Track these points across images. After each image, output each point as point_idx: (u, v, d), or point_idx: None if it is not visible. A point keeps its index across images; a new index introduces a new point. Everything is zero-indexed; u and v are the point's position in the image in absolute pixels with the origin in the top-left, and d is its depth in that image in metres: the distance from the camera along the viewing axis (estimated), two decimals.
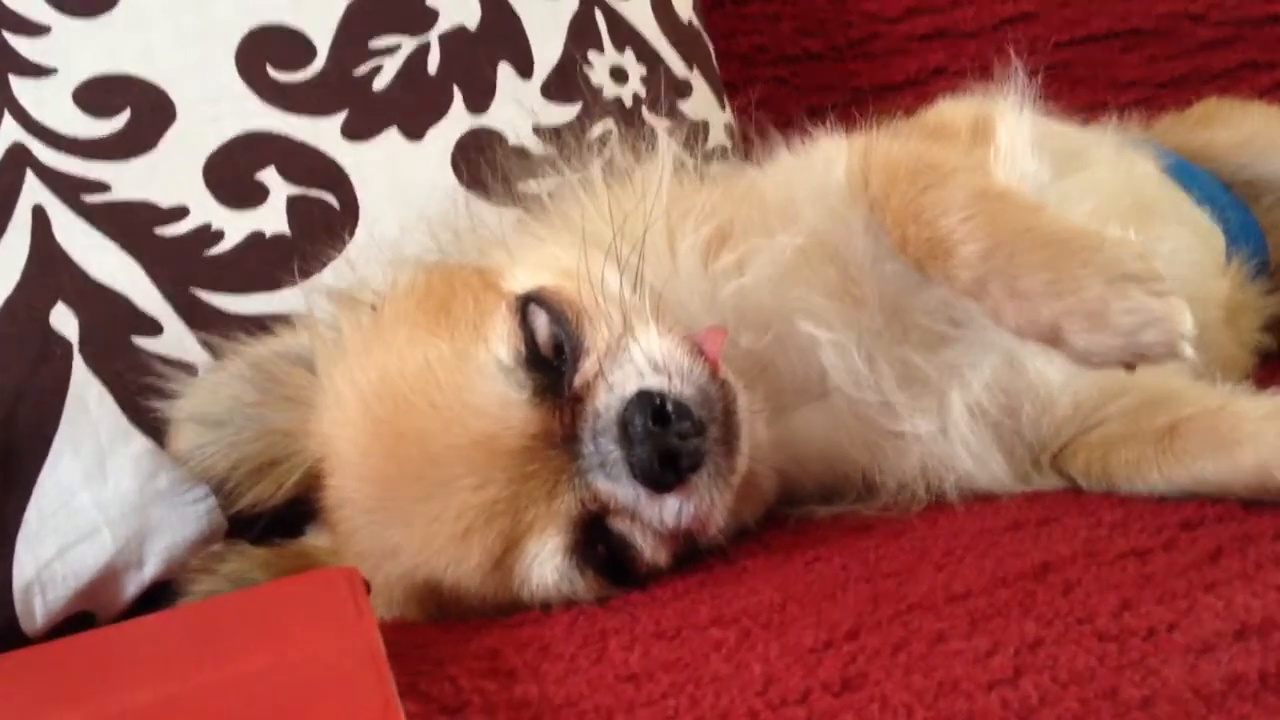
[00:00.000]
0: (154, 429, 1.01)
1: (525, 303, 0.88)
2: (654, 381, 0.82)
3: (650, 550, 0.85)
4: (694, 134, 1.34)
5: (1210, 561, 0.76)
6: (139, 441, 1.01)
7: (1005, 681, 0.63)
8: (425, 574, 0.85)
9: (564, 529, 0.83)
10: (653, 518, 0.83)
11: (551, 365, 0.85)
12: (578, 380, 0.84)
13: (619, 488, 0.82)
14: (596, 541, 0.84)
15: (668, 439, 0.80)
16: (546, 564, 0.83)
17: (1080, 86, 1.87)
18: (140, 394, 1.01)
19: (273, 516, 0.99)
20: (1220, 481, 0.86)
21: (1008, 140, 0.98)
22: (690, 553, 0.88)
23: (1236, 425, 0.86)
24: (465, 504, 0.82)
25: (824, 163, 0.99)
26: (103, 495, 0.99)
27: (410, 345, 0.87)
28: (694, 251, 0.93)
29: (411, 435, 0.84)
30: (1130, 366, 0.79)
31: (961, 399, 0.93)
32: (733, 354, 0.89)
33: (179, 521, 1.02)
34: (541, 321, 0.87)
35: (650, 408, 0.80)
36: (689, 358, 0.83)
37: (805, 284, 0.92)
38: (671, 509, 0.82)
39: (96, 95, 1.09)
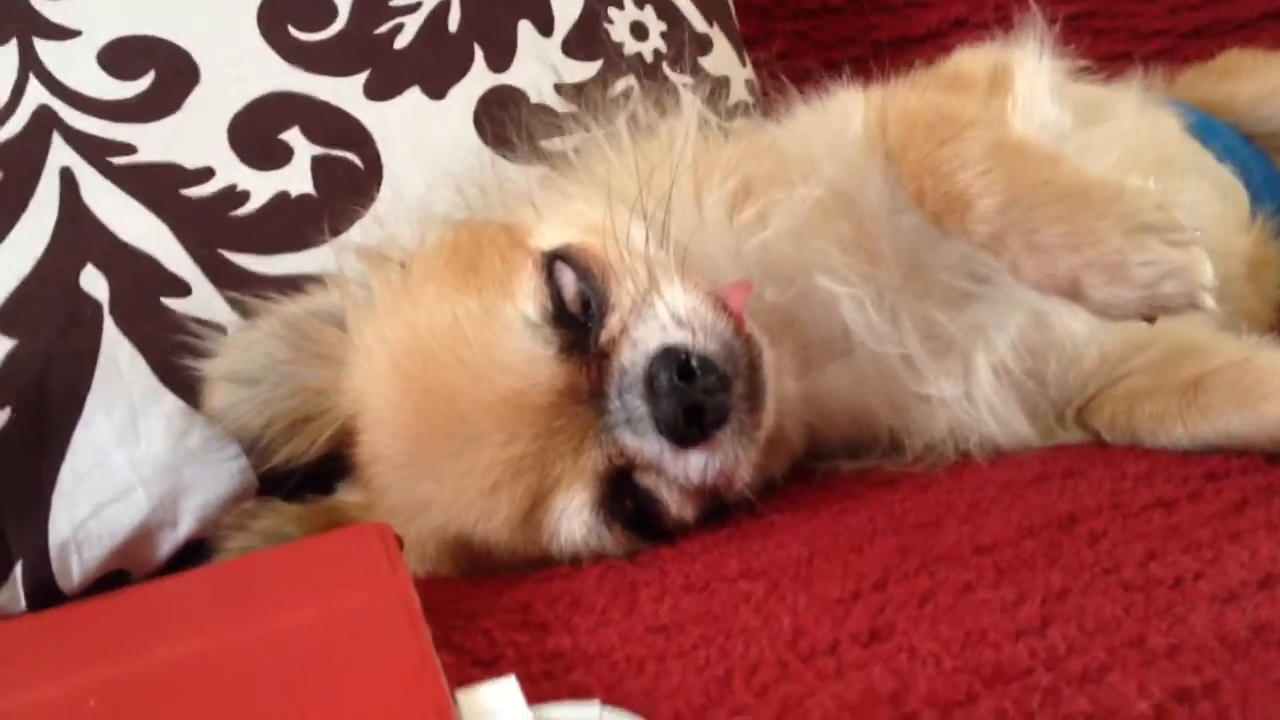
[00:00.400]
0: (185, 389, 1.02)
1: (551, 259, 0.88)
2: (678, 337, 0.82)
3: (676, 505, 0.86)
4: (715, 90, 1.34)
5: (1235, 512, 0.76)
6: (170, 401, 1.02)
7: (1032, 631, 0.63)
8: (456, 529, 0.86)
9: (591, 484, 0.84)
10: (678, 473, 0.83)
11: (578, 321, 0.86)
12: (604, 336, 0.85)
13: (645, 443, 0.82)
14: (624, 496, 0.85)
15: (693, 394, 0.81)
16: (574, 518, 0.84)
17: (1103, 37, 1.86)
18: (171, 354, 1.02)
19: (305, 473, 1.01)
20: (1245, 435, 0.86)
21: (1026, 88, 0.98)
22: (717, 507, 0.88)
23: (1262, 379, 0.86)
24: (493, 459, 0.83)
25: (841, 115, 0.99)
26: (136, 454, 1.01)
27: (439, 302, 0.88)
28: (719, 206, 0.93)
29: (440, 391, 0.85)
30: (1151, 319, 0.79)
31: (987, 361, 0.93)
32: (759, 308, 0.90)
33: (212, 479, 1.03)
34: (568, 278, 0.87)
35: (675, 363, 0.81)
36: (713, 313, 0.83)
37: (823, 237, 0.92)
38: (697, 464, 0.83)
39: (121, 57, 1.09)
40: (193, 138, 1.09)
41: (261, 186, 1.10)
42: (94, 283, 1.02)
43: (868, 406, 0.95)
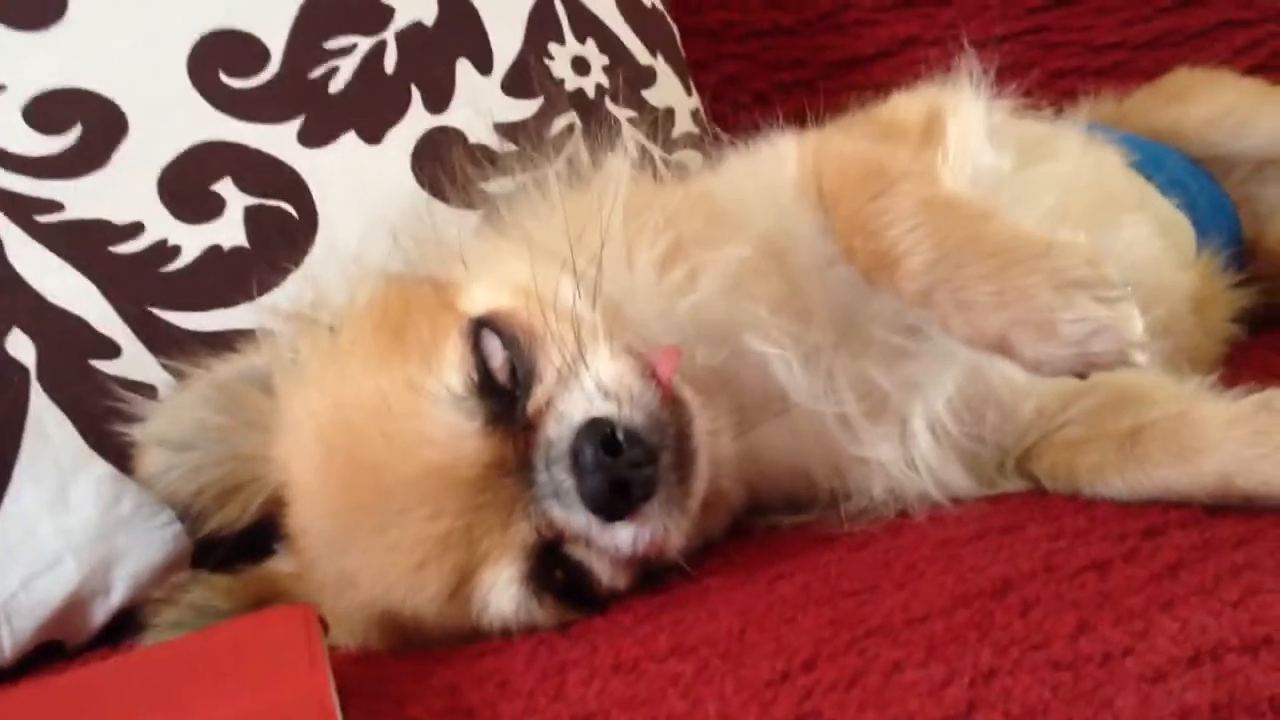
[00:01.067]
0: (115, 454, 1.00)
1: (478, 327, 0.87)
2: (603, 408, 0.81)
3: (608, 576, 0.85)
4: (659, 123, 1.33)
5: (1169, 575, 0.75)
6: (100, 467, 1.00)
7: (958, 717, 0.62)
8: (384, 604, 0.84)
9: (520, 557, 0.82)
10: (608, 545, 0.82)
11: (505, 391, 0.84)
12: (530, 407, 0.83)
13: (573, 516, 0.81)
14: (554, 568, 0.84)
15: (618, 468, 0.79)
16: (503, 593, 0.83)
17: (1056, 51, 1.86)
18: (100, 418, 1.00)
19: (240, 538, 0.99)
20: (1182, 489, 0.86)
21: (960, 136, 0.97)
22: (652, 572, 0.87)
23: (1198, 433, 0.85)
24: (419, 535, 0.81)
25: (774, 163, 0.98)
26: (66, 523, 0.99)
27: (364, 372, 0.86)
28: (650, 267, 0.92)
29: (366, 466, 0.83)
30: (1083, 375, 0.78)
31: (925, 422, 0.92)
32: (693, 370, 0.89)
33: (144, 546, 1.01)
34: (495, 346, 0.86)
35: (600, 437, 0.79)
36: (641, 381, 0.82)
37: (751, 298, 0.91)
38: (626, 536, 0.81)
39: (46, 110, 1.07)
40: (122, 192, 1.07)
41: (192, 240, 1.08)
42: (20, 347, 1.00)
43: (806, 467, 0.94)
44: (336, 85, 1.18)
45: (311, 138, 1.16)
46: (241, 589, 0.93)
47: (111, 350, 1.03)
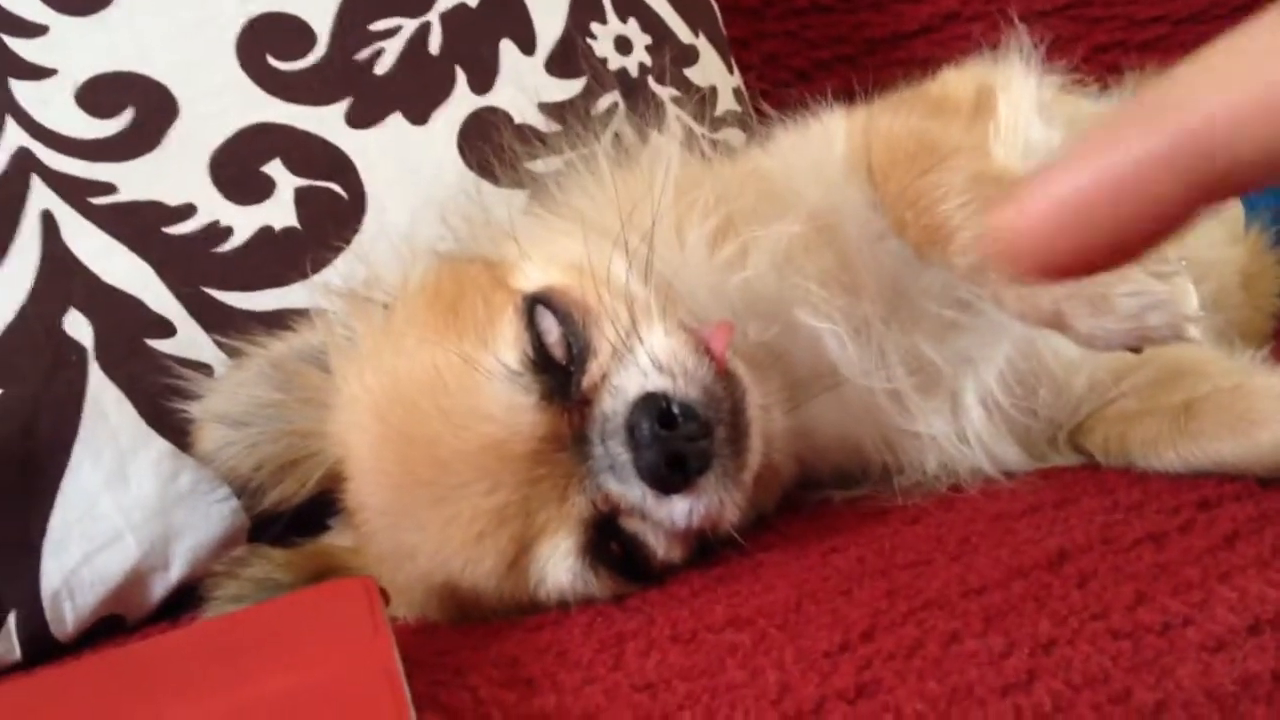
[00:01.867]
0: (173, 431, 1.02)
1: (533, 304, 0.87)
2: (658, 383, 0.81)
3: (663, 549, 0.85)
4: (702, 102, 1.33)
5: (1226, 546, 0.75)
6: (158, 444, 1.02)
7: (1019, 686, 0.63)
8: (442, 576, 0.85)
9: (576, 530, 0.83)
10: (663, 518, 0.83)
11: (560, 367, 0.85)
12: (585, 382, 0.84)
13: (628, 489, 0.82)
14: (609, 540, 0.85)
15: (674, 442, 0.80)
16: (560, 565, 0.83)
17: (1098, 26, 1.84)
18: (158, 396, 1.01)
19: (296, 513, 1.00)
20: (1237, 461, 0.85)
21: (1010, 111, 0.97)
22: (707, 545, 0.88)
23: (1252, 406, 0.85)
24: (477, 509, 0.82)
25: (823, 139, 0.98)
26: (125, 500, 1.00)
27: (420, 348, 0.87)
28: (701, 243, 0.92)
29: (422, 441, 0.84)
30: (1137, 349, 0.78)
31: (976, 396, 0.92)
32: (744, 345, 0.89)
33: (202, 522, 1.03)
34: (549, 323, 0.86)
35: (655, 410, 0.80)
36: (695, 356, 0.83)
37: (802, 273, 0.91)
38: (681, 510, 0.82)
39: (98, 95, 1.08)
40: (173, 174, 1.09)
41: (244, 221, 1.09)
42: (78, 327, 1.02)
43: (857, 441, 0.95)
44: (382, 67, 1.19)
45: (359, 119, 1.16)
46: (300, 562, 0.95)
47: (167, 330, 1.04)
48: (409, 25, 1.21)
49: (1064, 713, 0.60)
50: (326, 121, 1.15)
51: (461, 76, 1.21)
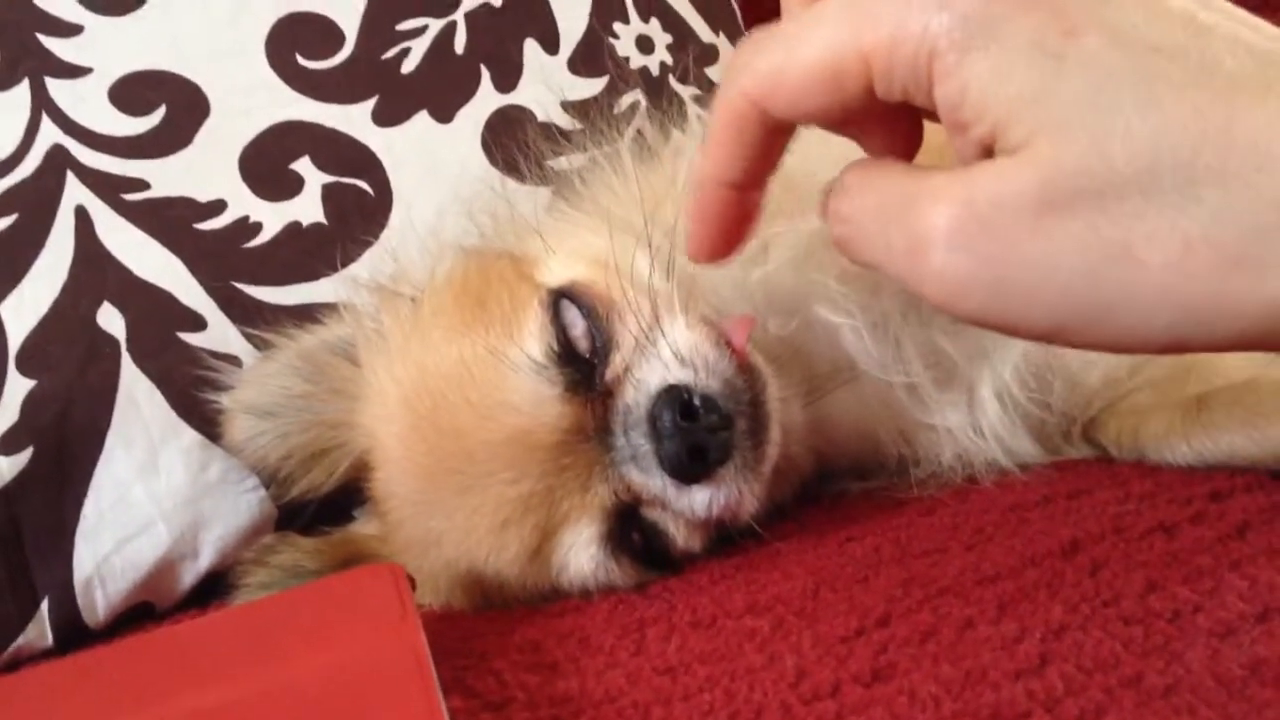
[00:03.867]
0: (203, 422, 1.04)
1: (557, 298, 0.89)
2: (680, 375, 0.83)
3: (683, 538, 0.87)
4: None
5: (1237, 536, 0.76)
6: (189, 435, 1.04)
7: (1031, 671, 0.64)
8: (467, 564, 0.87)
9: (598, 519, 0.85)
10: (683, 508, 0.84)
11: (584, 359, 0.87)
12: (608, 375, 0.86)
13: (650, 479, 0.84)
14: (631, 530, 0.86)
15: (695, 434, 0.81)
16: (582, 553, 0.85)
17: None
18: (189, 388, 1.04)
19: (322, 503, 1.02)
20: (1250, 454, 0.86)
21: None
22: (726, 535, 0.89)
23: (1265, 400, 0.86)
24: (502, 497, 0.84)
25: None
26: (156, 489, 1.03)
27: (447, 341, 0.89)
28: None
29: (449, 431, 0.86)
30: None
31: (992, 389, 0.93)
32: (764, 339, 0.91)
33: (231, 512, 1.05)
34: (574, 316, 0.88)
35: (678, 403, 0.82)
36: (716, 350, 0.84)
37: (822, 269, 0.92)
38: (701, 500, 0.84)
39: (131, 92, 1.11)
40: (204, 171, 1.11)
41: (273, 217, 1.12)
42: (111, 320, 1.04)
43: (874, 434, 0.96)
44: (408, 66, 1.21)
45: (385, 117, 1.19)
46: (328, 550, 0.97)
47: (198, 323, 1.06)
48: (435, 25, 1.23)
49: (1075, 696, 0.61)
50: (354, 119, 1.17)
51: (486, 75, 1.23)
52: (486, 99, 1.23)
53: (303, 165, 1.14)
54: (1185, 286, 0.49)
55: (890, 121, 0.61)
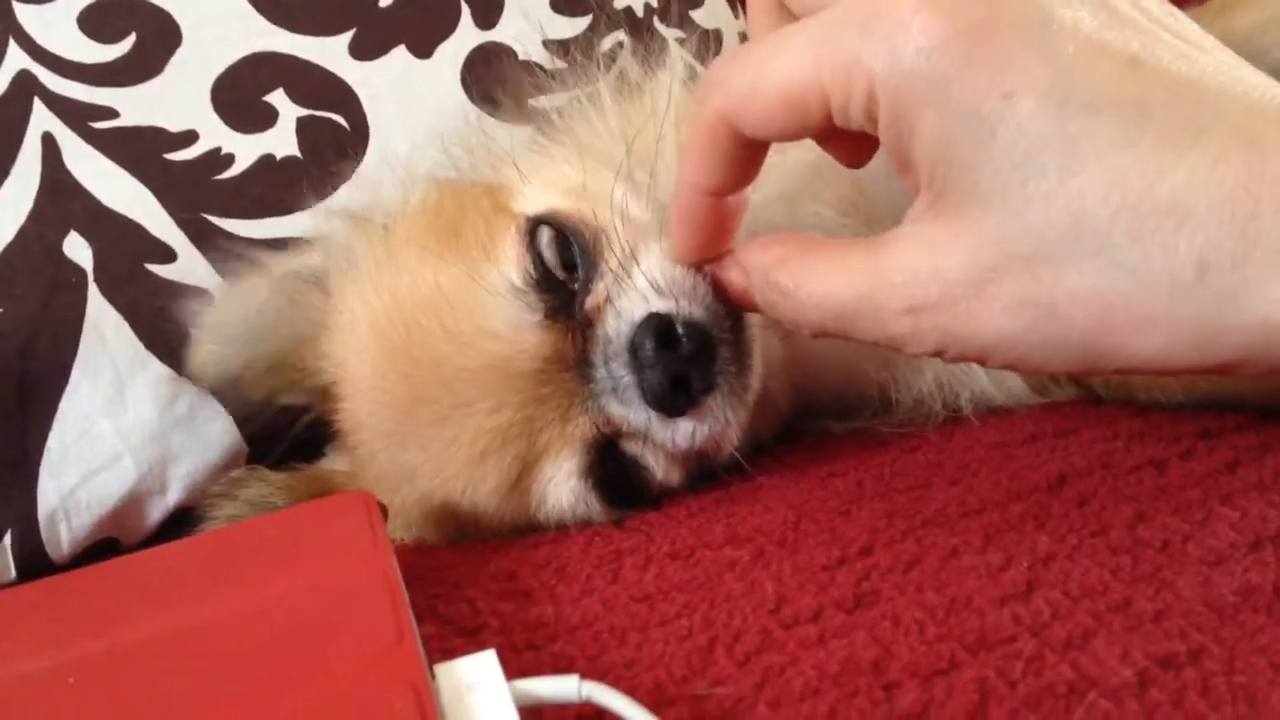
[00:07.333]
0: (171, 355, 1.02)
1: (535, 225, 0.87)
2: (660, 304, 0.81)
3: (663, 471, 0.85)
4: (706, 43, 1.33)
5: (1227, 471, 0.75)
6: (156, 368, 1.02)
7: (1017, 596, 0.63)
8: (442, 496, 0.85)
9: (579, 451, 0.83)
10: (665, 440, 0.82)
11: (563, 286, 0.85)
12: (589, 303, 0.83)
13: (631, 412, 0.81)
14: (610, 463, 0.84)
15: (678, 362, 0.79)
16: (562, 486, 0.83)
17: None
18: (156, 320, 1.02)
19: (293, 441, 1.00)
20: (1238, 391, 0.85)
21: None
22: (705, 471, 0.88)
23: None
24: (480, 427, 0.82)
25: None
26: (123, 422, 1.00)
27: (421, 266, 0.86)
28: None
29: (425, 359, 0.84)
30: None
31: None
32: None
33: (199, 447, 1.03)
34: (552, 243, 0.86)
35: (659, 331, 0.79)
36: (694, 277, 0.82)
37: (818, 199, 0.90)
38: (685, 431, 0.82)
39: (101, 19, 1.08)
40: (175, 101, 1.08)
41: (246, 149, 1.09)
42: (78, 249, 1.02)
43: (857, 364, 0.94)
44: None
45: (362, 51, 1.16)
46: (297, 485, 0.95)
47: (167, 255, 1.04)
48: None
49: (1062, 620, 0.60)
50: (330, 52, 1.15)
51: (466, 10, 1.21)
52: (466, 34, 1.20)
53: (277, 97, 1.11)
54: (1108, 341, 0.55)
55: (854, 138, 0.64)
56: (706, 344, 0.80)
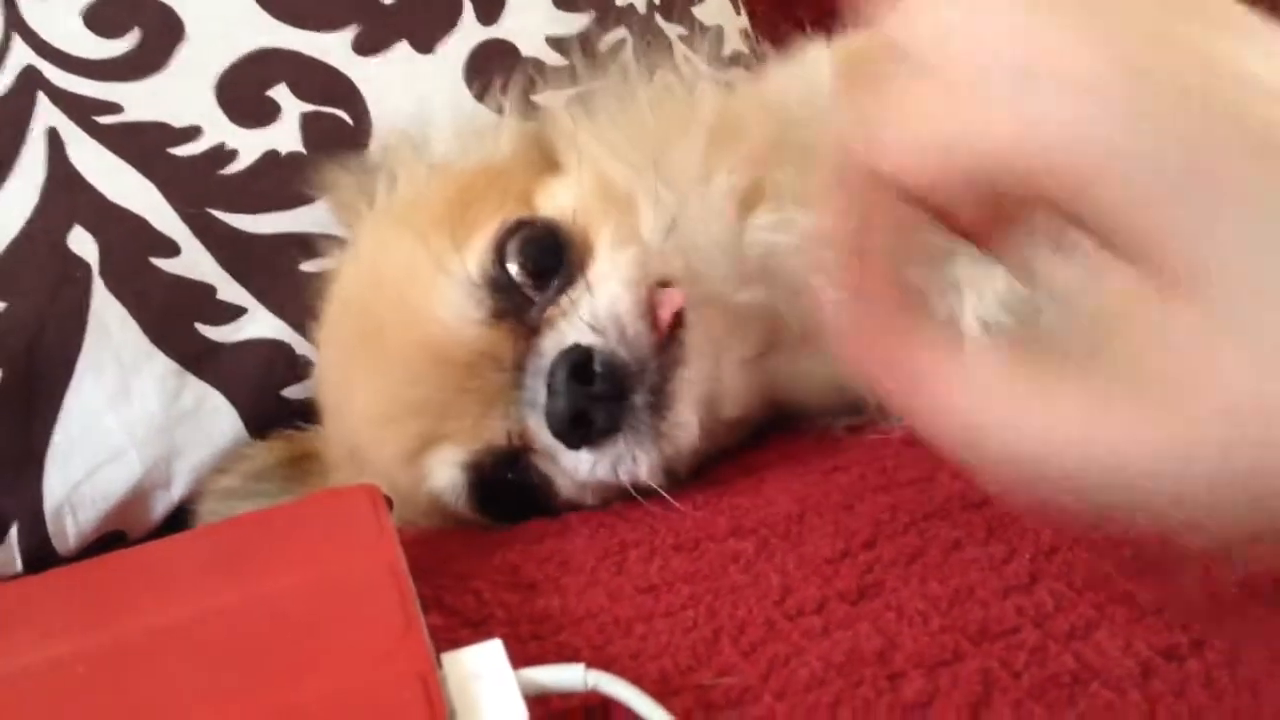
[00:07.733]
0: (176, 349, 1.02)
1: (517, 226, 0.88)
2: (588, 337, 0.82)
3: (573, 492, 0.87)
4: (709, 40, 1.33)
5: None
6: (162, 362, 1.02)
7: (1020, 588, 0.63)
8: (355, 442, 0.90)
9: (477, 450, 0.86)
10: (568, 466, 0.84)
11: (518, 290, 0.86)
12: (550, 312, 0.85)
13: (541, 430, 0.83)
14: (508, 473, 0.86)
15: (582, 399, 0.81)
16: (443, 469, 0.87)
17: None
18: (162, 315, 1.02)
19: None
20: None
21: None
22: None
23: None
24: (396, 395, 0.86)
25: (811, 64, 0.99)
26: (128, 416, 1.01)
27: (403, 238, 0.91)
28: (726, 197, 0.91)
29: (374, 318, 0.90)
30: None
31: (974, 316, 0.92)
32: (746, 303, 0.91)
33: (205, 441, 1.03)
34: (525, 247, 0.87)
35: (573, 363, 0.81)
36: (635, 318, 0.83)
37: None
38: (586, 462, 0.83)
39: (105, 14, 1.08)
40: (180, 96, 1.08)
41: (250, 145, 1.09)
42: (82, 244, 1.02)
43: (848, 380, 0.94)
44: None
45: (365, 46, 1.16)
46: (278, 447, 1.01)
47: (171, 249, 1.04)
48: None
49: (1065, 611, 0.60)
50: (333, 48, 1.15)
51: (469, 7, 1.21)
52: (469, 31, 1.20)
53: (280, 93, 1.11)
54: None
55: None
56: (621, 386, 0.81)
